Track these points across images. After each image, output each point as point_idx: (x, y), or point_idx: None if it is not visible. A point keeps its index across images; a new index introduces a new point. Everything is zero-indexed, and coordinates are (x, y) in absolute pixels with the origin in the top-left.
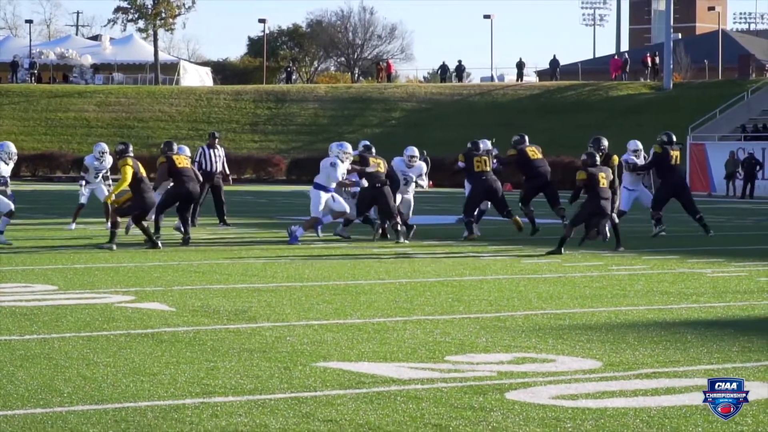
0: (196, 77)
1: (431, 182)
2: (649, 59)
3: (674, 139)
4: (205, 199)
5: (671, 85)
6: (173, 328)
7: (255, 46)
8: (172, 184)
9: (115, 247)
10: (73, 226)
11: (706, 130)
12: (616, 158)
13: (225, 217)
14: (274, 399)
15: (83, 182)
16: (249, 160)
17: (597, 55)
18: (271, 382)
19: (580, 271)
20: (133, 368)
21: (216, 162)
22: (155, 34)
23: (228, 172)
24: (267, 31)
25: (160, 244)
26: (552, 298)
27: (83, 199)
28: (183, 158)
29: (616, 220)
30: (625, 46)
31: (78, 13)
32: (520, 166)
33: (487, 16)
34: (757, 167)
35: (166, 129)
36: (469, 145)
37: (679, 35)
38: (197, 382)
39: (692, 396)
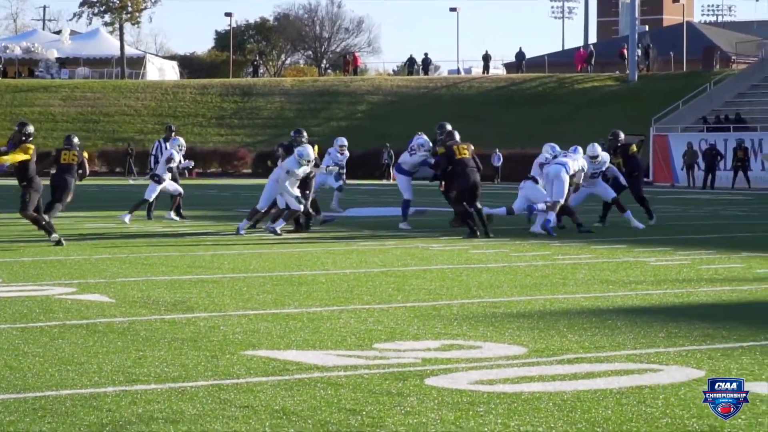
0: (162, 71)
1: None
2: (626, 51)
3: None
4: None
5: (636, 77)
6: (109, 318)
7: (222, 40)
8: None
9: (55, 236)
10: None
11: (668, 121)
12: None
13: (181, 210)
14: (195, 386)
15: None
16: (215, 154)
17: (566, 48)
18: (196, 370)
19: (525, 260)
20: (61, 358)
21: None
22: (121, 28)
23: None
24: (234, 25)
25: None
26: (492, 287)
27: (152, 195)
28: (71, 154)
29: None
30: (593, 39)
31: (45, 7)
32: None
33: (453, 9)
34: (719, 158)
35: (131, 123)
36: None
37: (646, 27)
38: (123, 371)
39: (609, 380)
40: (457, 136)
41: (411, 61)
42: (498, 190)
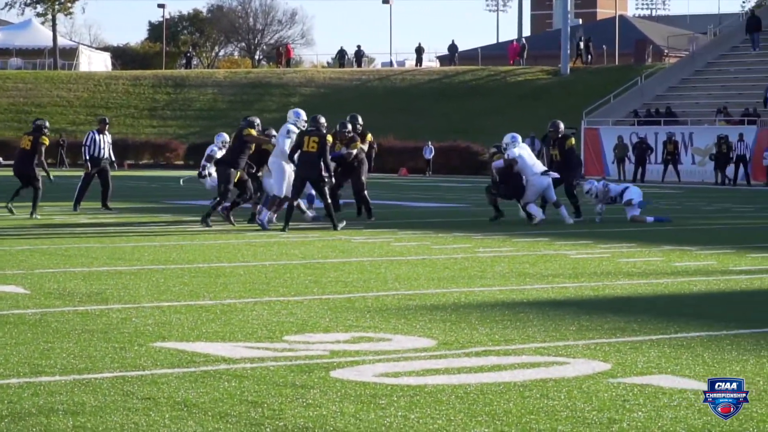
0: (95, 62)
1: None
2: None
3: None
4: (91, 184)
5: (568, 71)
6: (22, 310)
7: (155, 31)
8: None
9: None
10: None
11: (600, 114)
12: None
13: (108, 202)
14: (100, 378)
15: (206, 172)
16: (147, 146)
17: (500, 41)
18: (102, 362)
19: (446, 253)
20: None
21: (104, 147)
22: (54, 19)
23: (114, 158)
24: (167, 16)
25: None
26: (409, 280)
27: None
28: (27, 139)
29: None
30: (527, 32)
31: None
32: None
33: (386, 1)
34: (649, 151)
35: (64, 114)
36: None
37: (580, 21)
38: (29, 363)
39: (514, 373)
40: (322, 122)
41: (341, 53)
42: (429, 183)
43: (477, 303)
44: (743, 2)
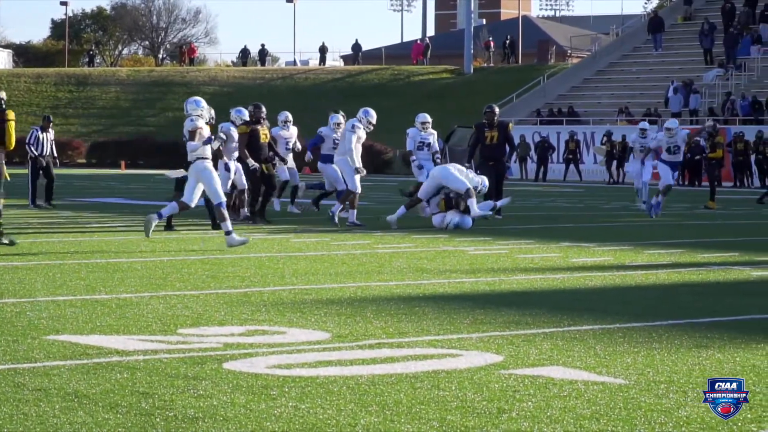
0: None
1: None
2: (491, 42)
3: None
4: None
5: (471, 70)
6: None
7: (58, 28)
8: None
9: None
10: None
11: (503, 114)
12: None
13: (52, 198)
14: None
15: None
16: None
17: (404, 40)
18: None
19: (345, 249)
20: None
21: (47, 145)
22: None
23: (56, 155)
24: (70, 14)
25: None
26: (306, 275)
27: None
28: None
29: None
30: (431, 32)
31: None
32: None
33: (290, 0)
34: (551, 151)
35: None
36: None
37: (484, 21)
38: None
39: (407, 365)
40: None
41: (245, 51)
42: None
43: (373, 297)
44: (645, 3)
